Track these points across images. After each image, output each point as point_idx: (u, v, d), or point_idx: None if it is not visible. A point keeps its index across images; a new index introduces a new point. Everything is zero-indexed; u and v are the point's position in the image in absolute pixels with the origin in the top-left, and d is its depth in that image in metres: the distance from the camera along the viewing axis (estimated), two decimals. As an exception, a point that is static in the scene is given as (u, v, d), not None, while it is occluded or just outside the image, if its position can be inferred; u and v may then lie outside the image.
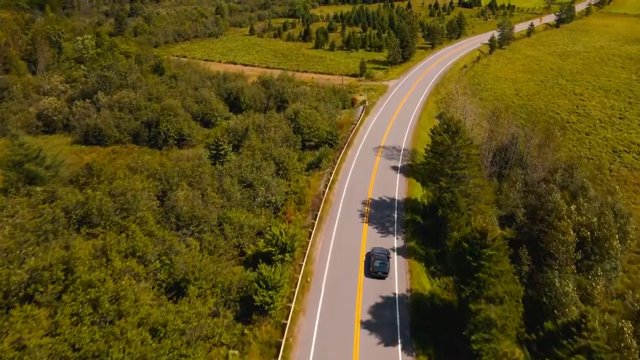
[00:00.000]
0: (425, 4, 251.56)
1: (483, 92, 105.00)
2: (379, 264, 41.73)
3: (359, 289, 40.81)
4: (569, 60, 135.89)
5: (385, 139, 73.88)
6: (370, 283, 41.32)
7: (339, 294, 40.10)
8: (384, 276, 41.67)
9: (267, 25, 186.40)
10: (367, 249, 46.02)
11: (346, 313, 37.86)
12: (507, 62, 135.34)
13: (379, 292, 40.40)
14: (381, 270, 41.53)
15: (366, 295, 39.93)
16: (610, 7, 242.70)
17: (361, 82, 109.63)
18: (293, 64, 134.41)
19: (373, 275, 41.85)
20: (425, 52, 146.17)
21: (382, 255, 42.92)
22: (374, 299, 39.61)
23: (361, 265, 43.72)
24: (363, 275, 42.42)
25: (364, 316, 37.65)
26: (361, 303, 39.00)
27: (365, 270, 42.86)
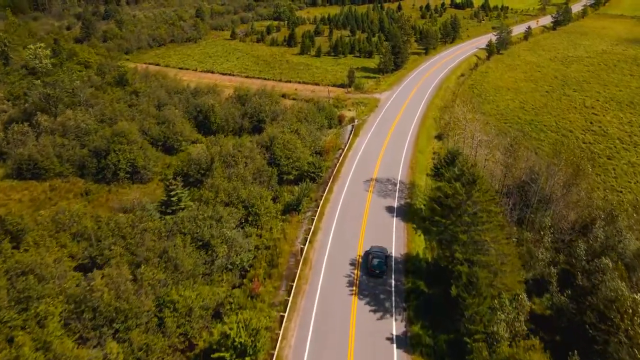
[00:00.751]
0: (416, 5, 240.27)
1: (485, 105, 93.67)
2: (377, 263, 41.11)
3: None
4: (573, 66, 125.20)
5: (378, 169, 62.03)
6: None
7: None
8: (381, 275, 41.01)
9: (250, 29, 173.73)
10: (357, 341, 34.27)
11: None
12: (506, 69, 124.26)
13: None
14: (379, 269, 40.90)
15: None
16: (606, 8, 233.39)
17: (349, 95, 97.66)
18: (276, 72, 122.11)
19: (371, 274, 41.05)
20: (418, 58, 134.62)
21: (380, 254, 42.37)
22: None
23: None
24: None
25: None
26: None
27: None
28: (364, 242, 46.08)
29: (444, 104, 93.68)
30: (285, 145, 59.42)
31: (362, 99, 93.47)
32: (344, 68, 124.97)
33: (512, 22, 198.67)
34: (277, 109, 77.26)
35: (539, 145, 75.34)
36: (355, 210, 51.75)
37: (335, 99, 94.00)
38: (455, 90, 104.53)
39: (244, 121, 76.12)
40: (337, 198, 54.35)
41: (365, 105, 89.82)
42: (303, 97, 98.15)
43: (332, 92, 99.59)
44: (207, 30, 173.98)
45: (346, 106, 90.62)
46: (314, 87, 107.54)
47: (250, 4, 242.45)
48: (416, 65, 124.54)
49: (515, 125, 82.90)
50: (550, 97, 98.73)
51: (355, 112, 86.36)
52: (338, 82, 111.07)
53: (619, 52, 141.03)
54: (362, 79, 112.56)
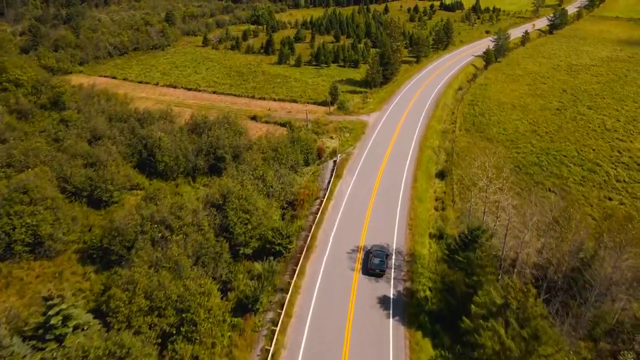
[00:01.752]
0: (403, 7, 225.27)
1: (489, 129, 78.71)
2: (378, 262, 39.95)
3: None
4: (580, 77, 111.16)
5: (367, 231, 46.61)
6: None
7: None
8: (381, 274, 39.66)
9: (225, 34, 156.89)
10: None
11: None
12: (508, 80, 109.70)
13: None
14: (379, 268, 39.62)
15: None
16: (600, 10, 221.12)
17: (332, 117, 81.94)
18: (249, 86, 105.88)
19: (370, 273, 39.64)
20: (409, 68, 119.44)
21: (381, 252, 41.16)
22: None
23: None
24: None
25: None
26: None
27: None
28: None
29: (443, 127, 78.53)
30: (243, 205, 43.57)
31: (347, 123, 77.85)
32: (326, 80, 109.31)
33: (505, 25, 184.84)
34: (241, 142, 61.20)
35: (563, 184, 60.51)
36: (337, 308, 36.20)
37: (314, 123, 78.28)
38: (454, 108, 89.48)
39: (199, 159, 59.98)
40: (311, 287, 38.68)
41: (351, 131, 74.25)
42: (277, 120, 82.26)
43: (311, 113, 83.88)
44: (178, 36, 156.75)
45: (327, 132, 74.95)
46: (291, 106, 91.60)
47: (229, 6, 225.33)
48: (408, 77, 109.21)
49: (530, 155, 68.01)
50: (563, 117, 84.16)
51: (339, 140, 70.73)
52: (319, 98, 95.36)
53: (625, 59, 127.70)
54: (347, 95, 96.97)
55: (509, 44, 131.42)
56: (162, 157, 58.55)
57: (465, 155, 67.95)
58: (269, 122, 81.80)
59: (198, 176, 59.94)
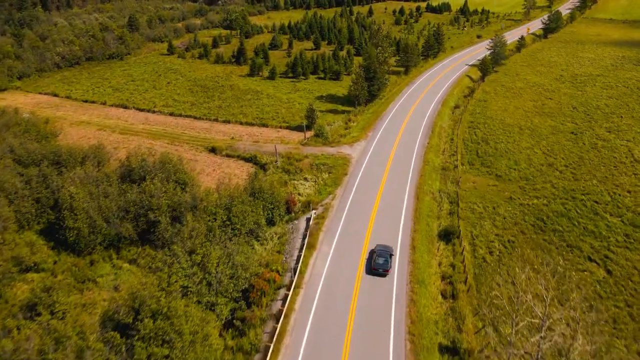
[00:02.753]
0: (388, 9, 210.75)
1: (498, 162, 64.23)
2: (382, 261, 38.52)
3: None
4: (588, 90, 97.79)
5: (351, 342, 31.63)
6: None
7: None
8: (384, 274, 38.26)
9: (193, 41, 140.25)
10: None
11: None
12: (509, 94, 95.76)
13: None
14: (383, 267, 38.27)
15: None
16: (592, 11, 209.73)
17: (307, 149, 66.64)
18: (213, 105, 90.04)
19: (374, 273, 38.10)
20: (398, 79, 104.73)
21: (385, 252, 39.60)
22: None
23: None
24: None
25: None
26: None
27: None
28: None
29: (442, 161, 63.83)
30: (162, 330, 28.11)
31: (325, 157, 62.66)
32: (303, 97, 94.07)
33: (496, 29, 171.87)
34: (184, 199, 45.58)
35: (605, 247, 46.16)
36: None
37: (285, 158, 62.98)
38: (453, 132, 74.95)
39: (126, 223, 44.18)
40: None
41: (330, 169, 59.08)
42: (241, 152, 66.74)
43: (283, 143, 68.71)
44: (141, 43, 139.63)
45: (301, 171, 59.65)
46: (261, 132, 76.15)
47: (202, 9, 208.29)
48: (397, 92, 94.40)
49: (554, 202, 53.65)
50: (581, 143, 70.22)
51: (315, 184, 55.61)
52: (294, 120, 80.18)
53: (631, 68, 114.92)
54: (327, 116, 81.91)
55: (505, 52, 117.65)
56: (75, 222, 42.66)
57: (474, 203, 53.39)
58: (231, 156, 66.22)
59: (124, 247, 44.17)
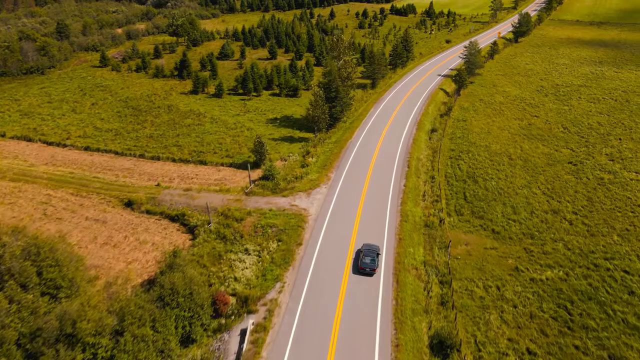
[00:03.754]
0: (351, 12, 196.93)
1: (491, 210, 50.75)
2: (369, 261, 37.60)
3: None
4: (574, 104, 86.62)
5: None
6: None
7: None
8: (372, 273, 37.59)
9: (131, 50, 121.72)
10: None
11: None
12: (489, 111, 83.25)
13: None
14: (370, 267, 37.49)
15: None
16: (558, 13, 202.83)
17: (252, 201, 51.06)
18: (143, 134, 73.22)
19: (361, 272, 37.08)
20: (364, 95, 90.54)
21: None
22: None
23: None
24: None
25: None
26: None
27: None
28: None
29: (424, 214, 49.63)
30: None
31: (275, 215, 47.38)
32: (255, 119, 78.53)
33: (464, 32, 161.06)
34: (47, 325, 29.26)
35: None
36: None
37: (223, 217, 47.33)
38: (433, 167, 61.14)
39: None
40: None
41: (280, 235, 43.86)
42: (167, 207, 50.60)
43: (222, 191, 53.00)
44: (69, 54, 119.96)
45: (242, 237, 44.16)
46: (197, 172, 60.12)
47: (149, 12, 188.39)
48: (363, 113, 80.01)
49: (574, 276, 40.40)
50: (585, 179, 57.78)
51: (258, 264, 40.28)
52: (241, 154, 64.62)
53: (611, 76, 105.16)
54: (281, 145, 66.75)
55: (480, 60, 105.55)
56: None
57: (471, 281, 39.47)
58: (153, 213, 50.01)
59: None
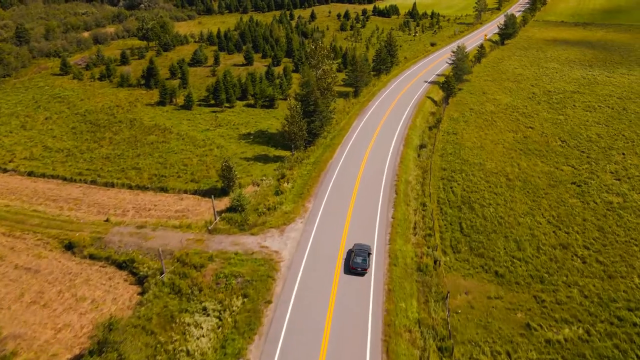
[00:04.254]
0: (332, 13, 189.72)
1: (492, 245, 44.02)
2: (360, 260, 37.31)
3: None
4: (569, 113, 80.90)
5: None
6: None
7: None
8: (363, 272, 37.25)
9: (95, 57, 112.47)
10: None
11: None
12: (481, 122, 76.89)
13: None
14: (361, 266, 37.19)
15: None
16: (543, 14, 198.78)
17: (216, 240, 43.16)
18: (99, 154, 64.78)
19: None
20: (346, 105, 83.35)
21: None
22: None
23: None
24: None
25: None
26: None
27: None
28: None
29: (416, 254, 42.50)
30: None
31: (241, 260, 39.70)
32: (226, 135, 70.84)
33: (450, 34, 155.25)
34: None
35: None
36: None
37: (179, 264, 39.53)
38: (423, 191, 54.18)
39: None
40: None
41: (246, 289, 36.21)
42: (114, 252, 42.53)
43: (182, 229, 45.21)
44: (28, 60, 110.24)
45: (201, 292, 36.39)
46: (156, 202, 52.17)
47: (121, 14, 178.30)
48: (345, 127, 72.66)
49: (595, 333, 33.78)
50: (592, 203, 51.51)
51: (218, 330, 32.69)
52: (209, 177, 56.84)
53: (604, 81, 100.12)
54: (254, 166, 59.16)
55: (469, 66, 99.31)
56: None
57: (475, 345, 32.55)
58: (97, 258, 41.97)
59: None
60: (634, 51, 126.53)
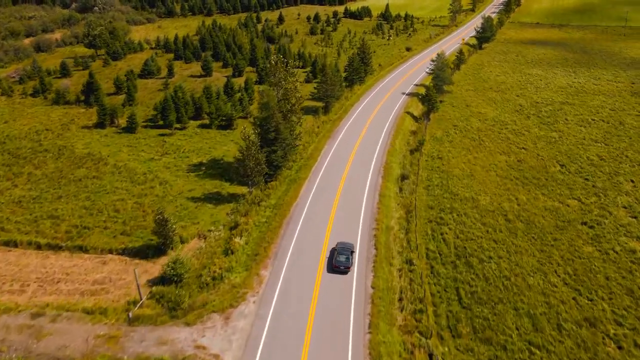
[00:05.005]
0: (302, 15, 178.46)
1: (499, 324, 33.99)
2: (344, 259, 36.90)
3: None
4: (562, 129, 72.33)
5: None
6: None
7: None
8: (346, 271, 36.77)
9: (30, 68, 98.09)
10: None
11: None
12: (467, 142, 67.21)
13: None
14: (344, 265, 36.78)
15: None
16: (518, 15, 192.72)
17: (136, 338, 31.34)
18: (10, 197, 51.82)
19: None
20: (314, 124, 72.27)
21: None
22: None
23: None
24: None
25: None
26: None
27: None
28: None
29: (403, 337, 31.94)
30: None
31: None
32: (172, 166, 58.89)
33: (425, 38, 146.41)
34: None
35: None
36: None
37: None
38: (408, 242, 43.75)
39: None
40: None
41: None
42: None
43: (92, 316, 33.28)
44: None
45: None
46: (69, 269, 39.97)
47: (72, 17, 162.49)
48: (313, 154, 61.26)
49: None
50: (613, 253, 42.16)
51: None
52: (144, 228, 44.96)
53: (592, 89, 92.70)
54: (203, 210, 47.66)
55: (450, 75, 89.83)
56: None
57: None
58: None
59: None
60: (615, 55, 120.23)
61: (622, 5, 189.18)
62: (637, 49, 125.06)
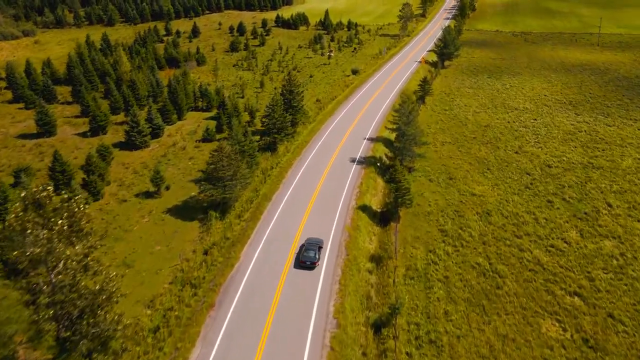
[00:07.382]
0: (223, 25, 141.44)
1: None
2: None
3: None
4: (618, 230, 42.21)
5: None
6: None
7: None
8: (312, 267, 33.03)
9: None
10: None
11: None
12: (476, 292, 35.24)
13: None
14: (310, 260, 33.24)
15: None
16: (474, 21, 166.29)
17: None
18: None
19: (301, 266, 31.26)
20: (252, 202, 37.64)
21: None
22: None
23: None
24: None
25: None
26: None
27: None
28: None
29: None
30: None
31: None
32: None
33: (375, 53, 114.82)
34: None
35: None
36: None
37: None
38: None
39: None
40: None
41: None
42: None
43: None
44: None
45: None
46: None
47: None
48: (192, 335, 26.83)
49: None
50: None
51: None
52: None
53: (611, 136, 64.91)
54: None
55: (420, 132, 57.19)
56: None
57: None
58: None
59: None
60: (612, 81, 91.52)
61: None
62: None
